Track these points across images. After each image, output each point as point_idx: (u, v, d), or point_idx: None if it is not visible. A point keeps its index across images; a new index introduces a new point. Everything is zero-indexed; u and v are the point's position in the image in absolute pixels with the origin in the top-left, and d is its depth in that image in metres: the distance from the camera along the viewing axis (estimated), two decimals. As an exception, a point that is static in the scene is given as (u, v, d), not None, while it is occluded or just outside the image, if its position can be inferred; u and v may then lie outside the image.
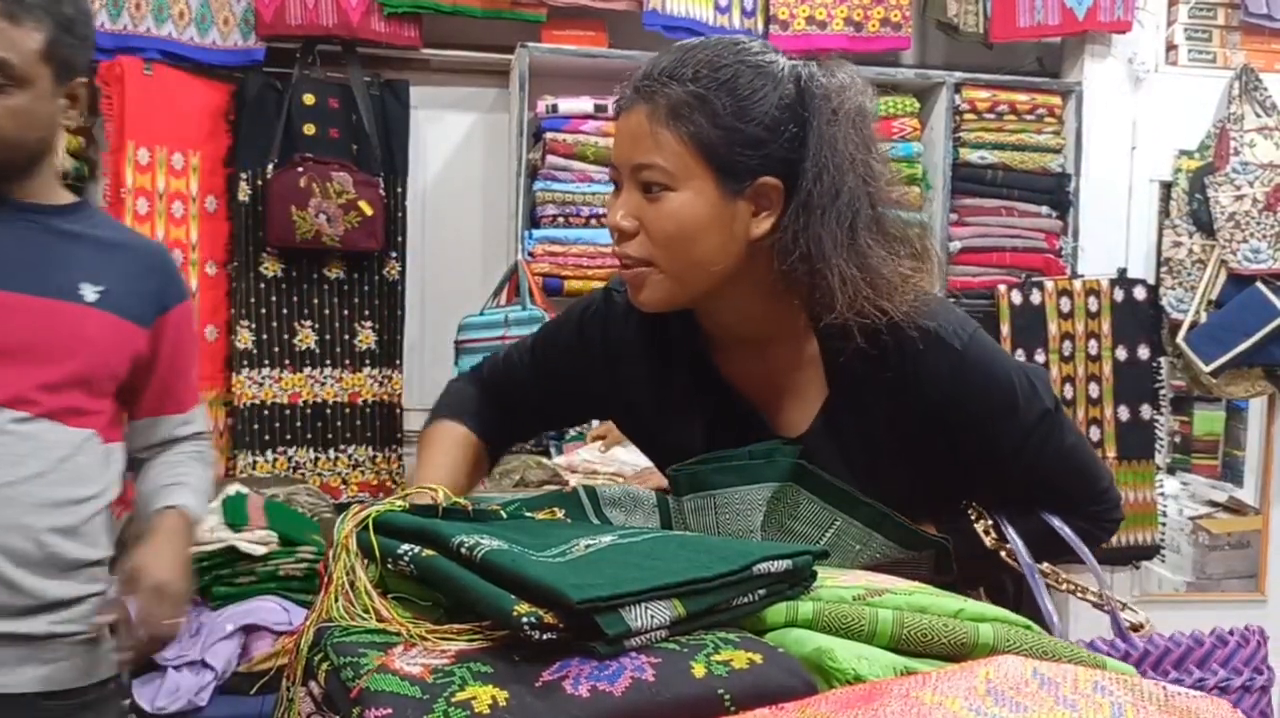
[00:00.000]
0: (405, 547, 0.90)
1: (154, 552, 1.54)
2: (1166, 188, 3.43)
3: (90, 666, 1.58)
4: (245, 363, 3.07)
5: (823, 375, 1.21)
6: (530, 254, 3.02)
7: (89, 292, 1.56)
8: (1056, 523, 1.22)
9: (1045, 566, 1.22)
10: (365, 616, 0.87)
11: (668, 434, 1.29)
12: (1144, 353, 3.28)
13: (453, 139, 3.33)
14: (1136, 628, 1.15)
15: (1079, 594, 1.20)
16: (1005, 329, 3.19)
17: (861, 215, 1.11)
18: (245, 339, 3.07)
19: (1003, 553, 1.21)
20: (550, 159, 3.05)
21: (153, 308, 1.63)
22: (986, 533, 1.23)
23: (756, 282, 1.15)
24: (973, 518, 1.25)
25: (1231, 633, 1.00)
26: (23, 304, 1.52)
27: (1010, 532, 1.21)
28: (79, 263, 1.57)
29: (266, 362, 3.10)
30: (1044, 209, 3.28)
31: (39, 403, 1.51)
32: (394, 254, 3.18)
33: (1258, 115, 3.35)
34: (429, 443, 1.35)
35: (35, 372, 1.51)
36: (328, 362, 3.16)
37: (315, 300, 3.14)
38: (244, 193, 3.03)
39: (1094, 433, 3.23)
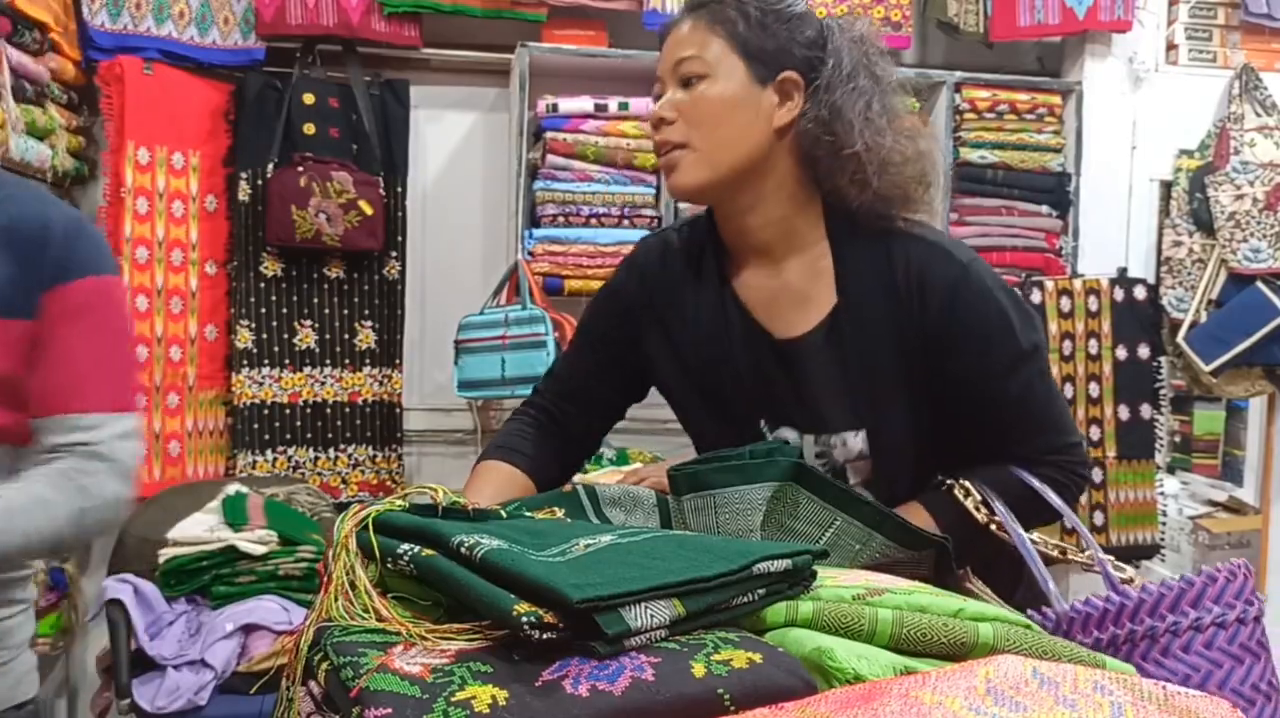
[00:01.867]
0: (405, 546, 0.90)
1: None
2: (1166, 187, 3.43)
3: (7, 689, 1.38)
4: (245, 362, 3.07)
5: (832, 286, 1.30)
6: (530, 253, 3.02)
7: None
8: (1037, 484, 1.25)
9: (1034, 534, 1.22)
10: (365, 615, 0.87)
11: (694, 354, 1.39)
12: (1144, 352, 3.28)
13: (453, 139, 3.34)
14: (1127, 582, 1.16)
15: (1069, 556, 1.20)
16: (1005, 329, 3.19)
17: (874, 102, 1.27)
18: (245, 339, 3.07)
19: (993, 527, 1.23)
20: (550, 158, 3.05)
21: (33, 289, 1.32)
22: (977, 509, 1.24)
23: (781, 181, 1.29)
24: (961, 496, 1.26)
25: (1219, 570, 1.02)
26: None
27: (998, 505, 1.22)
28: None
29: (266, 361, 3.10)
30: (1044, 208, 3.28)
31: None
32: (394, 254, 3.18)
33: (1258, 115, 3.35)
34: (471, 481, 1.41)
35: None
36: (327, 361, 3.16)
37: (315, 300, 3.14)
38: (244, 192, 3.03)
39: (1094, 432, 3.22)
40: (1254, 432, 3.67)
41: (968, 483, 1.26)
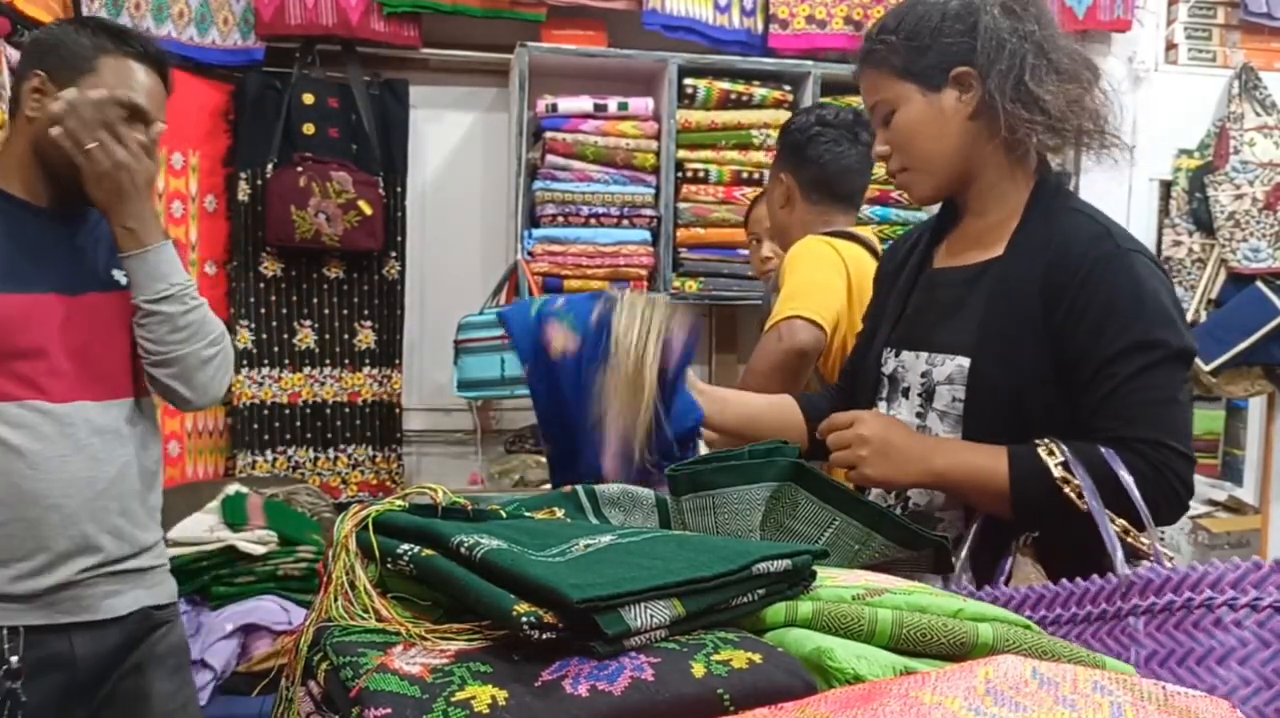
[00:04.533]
0: (405, 546, 0.90)
1: None
2: (1166, 187, 3.43)
3: (169, 588, 1.88)
4: (245, 362, 3.07)
5: (1005, 242, 1.43)
6: (530, 253, 3.02)
7: (119, 276, 1.75)
8: (1123, 472, 1.22)
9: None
10: (365, 615, 0.87)
11: None
12: (1144, 352, 3.28)
13: (452, 139, 3.34)
14: None
15: (1129, 538, 1.20)
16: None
17: (1030, 58, 1.39)
18: (245, 339, 3.07)
19: (1068, 489, 1.23)
20: (550, 158, 3.05)
21: None
22: (1058, 467, 1.24)
23: (988, 157, 1.45)
24: (1045, 454, 1.26)
25: (1265, 563, 1.04)
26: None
27: (1080, 471, 1.22)
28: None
29: (266, 361, 3.10)
30: (1044, 208, 3.28)
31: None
32: (393, 254, 3.18)
33: (1257, 114, 3.35)
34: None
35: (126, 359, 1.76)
36: (327, 361, 3.16)
37: (315, 300, 3.14)
38: (243, 192, 3.03)
39: (1094, 432, 3.22)
40: (1253, 431, 3.68)
41: (1055, 446, 1.27)
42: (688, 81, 3.11)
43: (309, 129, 3.04)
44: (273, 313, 3.11)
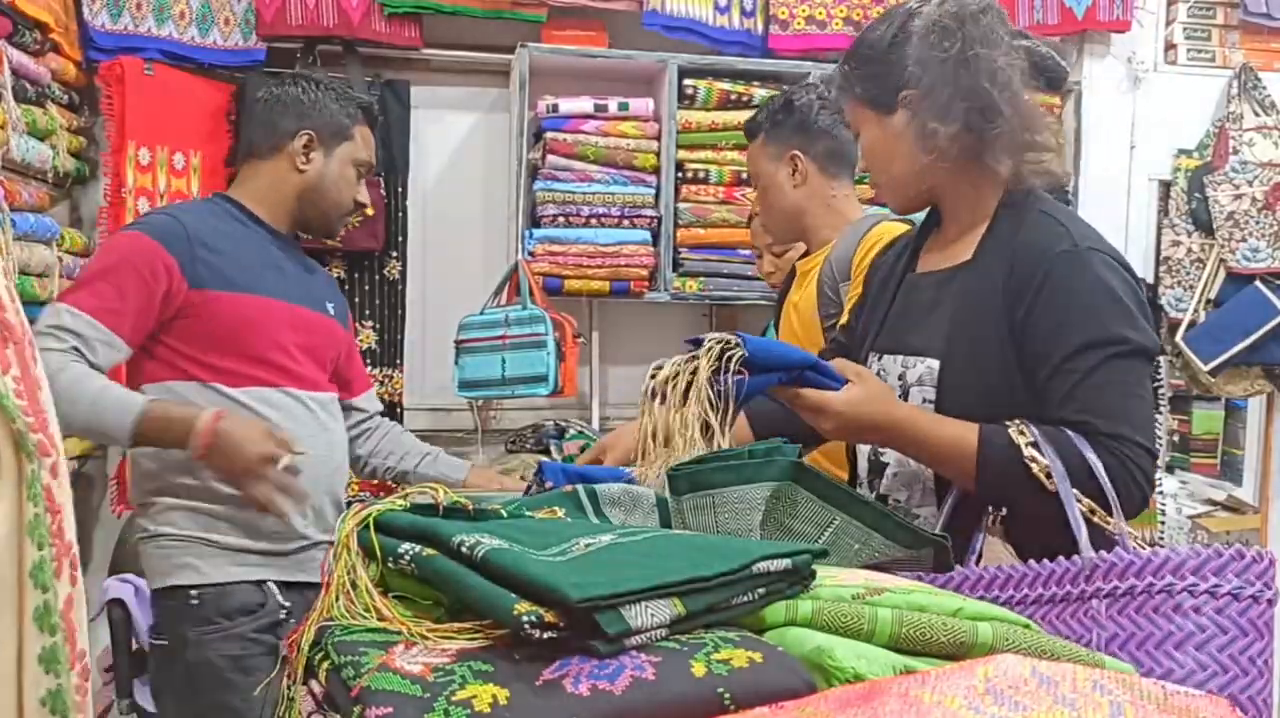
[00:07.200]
0: (406, 546, 0.90)
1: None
2: (1165, 187, 3.44)
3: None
4: (246, 362, 3.07)
5: (974, 246, 1.47)
6: (530, 254, 3.03)
7: (331, 308, 2.15)
8: (1090, 454, 1.25)
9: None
10: (366, 614, 0.88)
11: None
12: (1143, 352, 3.28)
13: (453, 139, 3.34)
14: None
15: (1095, 518, 1.22)
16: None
17: (956, 79, 1.42)
18: (246, 339, 3.07)
19: (1034, 467, 1.25)
20: (550, 159, 3.05)
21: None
22: (1027, 446, 1.27)
23: (950, 167, 1.48)
24: (1015, 434, 1.29)
25: (1247, 550, 1.08)
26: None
27: (1050, 451, 1.25)
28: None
29: (267, 361, 3.10)
30: (1043, 208, 3.28)
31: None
32: (395, 254, 3.18)
33: (1256, 114, 3.35)
34: None
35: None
36: (328, 361, 3.15)
37: (315, 300, 3.14)
38: (244, 193, 3.03)
39: (1093, 432, 3.22)
40: (1252, 431, 3.68)
41: (1025, 427, 1.29)
42: (688, 82, 3.11)
43: (310, 129, 3.04)
44: (273, 313, 3.11)
